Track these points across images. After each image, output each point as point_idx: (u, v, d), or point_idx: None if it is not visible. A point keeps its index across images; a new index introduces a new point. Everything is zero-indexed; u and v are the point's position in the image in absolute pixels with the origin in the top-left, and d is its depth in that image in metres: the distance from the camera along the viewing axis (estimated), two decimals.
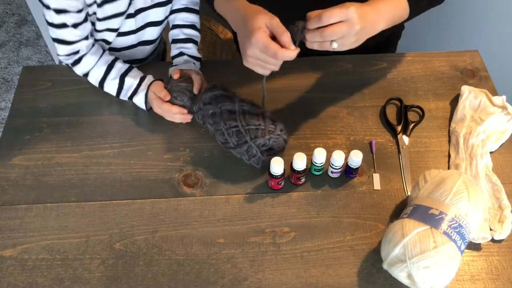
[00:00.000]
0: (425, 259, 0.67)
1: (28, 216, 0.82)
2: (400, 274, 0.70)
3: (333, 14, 0.69)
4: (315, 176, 0.87)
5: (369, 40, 0.77)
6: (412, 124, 0.93)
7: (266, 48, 0.71)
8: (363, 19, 0.72)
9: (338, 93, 0.99)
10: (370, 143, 0.91)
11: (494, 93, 0.97)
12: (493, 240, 0.78)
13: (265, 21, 0.72)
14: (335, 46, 0.73)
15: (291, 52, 0.71)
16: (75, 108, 0.96)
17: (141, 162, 0.89)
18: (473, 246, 0.78)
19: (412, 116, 0.95)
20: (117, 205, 0.83)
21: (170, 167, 0.88)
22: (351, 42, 0.74)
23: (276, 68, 0.75)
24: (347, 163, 0.84)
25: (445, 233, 0.68)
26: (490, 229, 0.78)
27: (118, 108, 0.97)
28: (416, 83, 1.01)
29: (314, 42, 0.73)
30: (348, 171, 0.85)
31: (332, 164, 0.83)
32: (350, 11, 0.70)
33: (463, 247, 0.70)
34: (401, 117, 0.94)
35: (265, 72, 0.77)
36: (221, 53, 1.38)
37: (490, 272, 0.76)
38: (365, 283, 0.75)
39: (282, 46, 0.71)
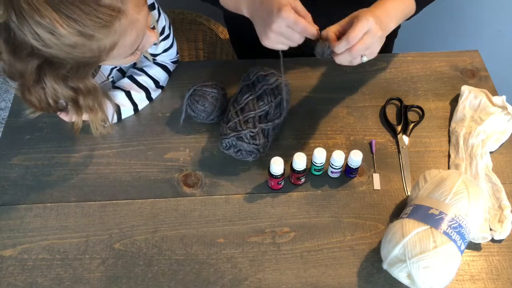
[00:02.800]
0: (425, 259, 0.67)
1: (28, 216, 0.82)
2: (400, 274, 0.70)
3: (357, 32, 0.71)
4: (315, 176, 0.87)
5: None
6: (412, 124, 0.93)
7: (296, 23, 0.72)
8: (380, 24, 0.74)
9: (338, 93, 0.99)
10: (370, 143, 0.91)
11: (494, 93, 0.97)
12: (493, 240, 0.78)
13: (290, 1, 0.73)
14: (365, 60, 0.75)
15: (316, 30, 0.73)
16: None
17: (141, 162, 0.89)
18: (473, 246, 0.78)
19: (412, 116, 0.95)
20: (117, 205, 0.84)
21: (170, 167, 0.88)
22: (378, 49, 0.76)
23: (300, 41, 0.75)
24: (347, 163, 0.84)
25: (445, 233, 0.68)
26: (490, 229, 0.78)
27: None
28: (416, 83, 1.01)
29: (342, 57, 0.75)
30: (348, 171, 0.85)
31: (332, 164, 0.83)
32: (369, 21, 0.72)
33: (463, 247, 0.70)
34: (401, 117, 0.94)
35: (285, 48, 0.77)
36: (221, 53, 1.38)
37: (490, 272, 0.76)
38: (365, 283, 0.75)
39: None
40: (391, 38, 1.20)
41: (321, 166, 0.84)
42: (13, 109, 0.97)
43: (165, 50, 0.95)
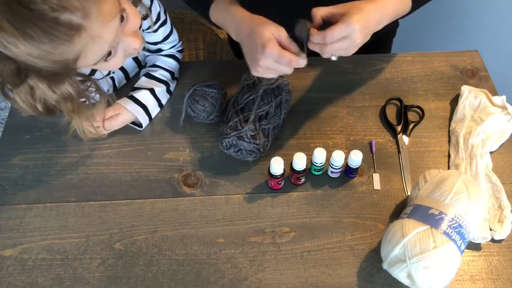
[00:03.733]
0: (425, 259, 0.67)
1: (28, 216, 0.82)
2: (400, 274, 0.70)
3: (336, 34, 0.71)
4: (315, 176, 0.87)
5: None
6: (412, 124, 0.93)
7: (281, 58, 0.72)
8: (365, 29, 0.73)
9: (338, 93, 0.99)
10: (370, 143, 0.91)
11: (494, 93, 0.97)
12: (493, 240, 0.78)
13: (273, 32, 0.73)
14: (334, 59, 0.75)
15: (303, 60, 0.74)
16: None
17: (141, 162, 0.89)
18: (473, 246, 0.78)
19: (412, 116, 0.95)
20: (117, 205, 0.84)
21: (170, 167, 0.88)
22: (352, 53, 0.76)
23: (289, 72, 0.76)
24: (347, 163, 0.84)
25: (445, 233, 0.68)
26: (490, 229, 0.78)
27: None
28: (416, 83, 1.01)
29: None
30: (348, 171, 0.85)
31: (332, 164, 0.83)
32: (352, 28, 0.71)
33: (463, 247, 0.70)
34: (401, 117, 0.94)
35: (275, 76, 0.79)
36: (221, 53, 1.39)
37: (490, 272, 0.76)
38: (365, 283, 0.75)
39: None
40: (389, 38, 1.20)
41: (321, 166, 0.84)
42: (13, 109, 0.97)
43: (166, 38, 0.95)
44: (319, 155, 0.81)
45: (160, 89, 0.95)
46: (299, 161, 0.79)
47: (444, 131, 0.93)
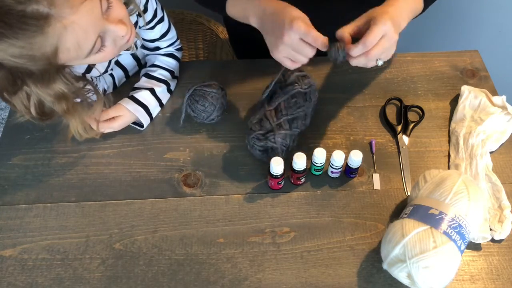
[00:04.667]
0: (425, 259, 0.67)
1: (28, 216, 0.82)
2: (400, 274, 0.70)
3: (375, 36, 0.71)
4: (315, 176, 0.87)
5: None
6: (412, 124, 0.93)
7: (307, 33, 0.71)
8: (395, 26, 0.73)
9: (338, 93, 0.99)
10: (370, 143, 0.91)
11: (494, 93, 0.97)
12: (493, 240, 0.78)
13: (300, 14, 0.73)
14: (380, 63, 0.75)
15: (326, 39, 0.73)
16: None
17: (141, 162, 0.89)
18: (473, 246, 0.78)
19: (412, 116, 0.95)
20: (117, 205, 0.84)
21: (170, 167, 0.88)
22: (392, 52, 0.76)
23: (311, 55, 0.75)
24: (347, 163, 0.84)
25: (445, 233, 0.68)
26: (490, 229, 0.78)
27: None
28: (416, 83, 1.01)
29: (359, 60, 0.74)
30: (348, 171, 0.85)
31: (332, 164, 0.83)
32: (387, 25, 0.71)
33: (463, 247, 0.70)
34: (401, 117, 0.94)
35: (294, 66, 0.77)
36: (221, 53, 1.38)
37: (490, 272, 0.76)
38: (365, 283, 0.75)
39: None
40: None
41: (321, 166, 0.84)
42: (13, 109, 0.97)
43: (164, 35, 0.95)
44: (319, 155, 0.81)
45: (160, 89, 0.95)
46: (299, 161, 0.79)
47: (444, 131, 0.93)
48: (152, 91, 0.93)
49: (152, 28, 0.91)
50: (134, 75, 1.01)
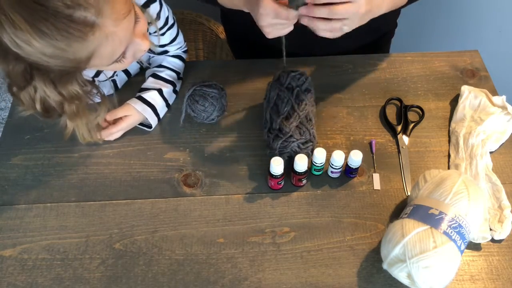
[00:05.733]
0: (425, 259, 0.67)
1: (28, 216, 0.82)
2: (400, 274, 0.70)
3: (345, 11, 0.69)
4: (315, 176, 0.87)
5: (366, 38, 0.78)
6: (412, 124, 0.93)
7: (277, 14, 0.71)
8: (368, 4, 0.72)
9: (338, 93, 0.99)
10: (370, 143, 0.91)
11: (494, 93, 0.97)
12: (493, 240, 0.78)
13: None
14: (345, 30, 0.72)
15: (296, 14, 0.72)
16: None
17: (141, 162, 0.89)
18: (473, 246, 0.78)
19: (412, 116, 0.95)
20: (117, 205, 0.84)
21: (170, 167, 0.88)
22: (355, 24, 0.73)
23: (294, 19, 0.73)
24: (347, 163, 0.84)
25: (445, 233, 0.68)
26: (490, 229, 0.78)
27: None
28: (416, 83, 1.01)
29: (320, 22, 0.72)
30: (348, 171, 0.85)
31: (332, 164, 0.83)
32: (360, 10, 0.70)
33: (463, 247, 0.70)
34: (401, 117, 0.94)
35: (291, 28, 0.76)
36: (221, 53, 1.38)
37: (490, 272, 0.76)
38: (365, 283, 0.75)
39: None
40: (388, 38, 1.21)
41: (321, 166, 0.84)
42: (13, 109, 0.97)
43: (173, 40, 0.95)
44: (319, 155, 0.81)
45: (167, 89, 0.95)
46: (301, 163, 0.79)
47: (444, 131, 0.93)
48: (160, 91, 0.94)
49: (163, 34, 0.92)
50: (135, 76, 1.01)
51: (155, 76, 0.96)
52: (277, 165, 0.78)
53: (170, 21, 0.92)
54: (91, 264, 0.77)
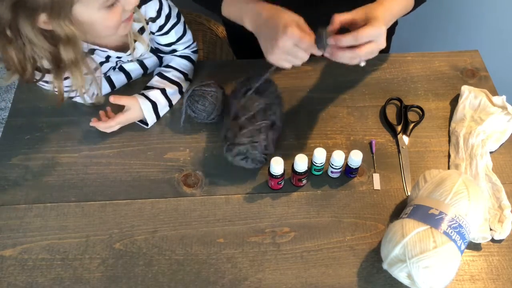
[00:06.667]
0: (425, 259, 0.67)
1: (28, 216, 0.82)
2: (400, 274, 0.70)
3: (368, 36, 0.70)
4: (315, 176, 0.87)
5: None
6: (412, 124, 0.93)
7: (301, 40, 0.71)
8: (386, 30, 0.74)
9: (338, 93, 0.99)
10: (370, 143, 0.91)
11: (494, 93, 0.97)
12: (493, 240, 0.78)
13: (294, 18, 0.73)
14: (363, 64, 0.75)
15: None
16: (75, 108, 0.96)
17: (141, 162, 0.89)
18: (473, 246, 0.78)
19: (412, 116, 0.95)
20: (117, 205, 0.83)
21: (170, 167, 0.88)
22: (382, 44, 0.75)
23: (305, 59, 0.75)
24: (347, 163, 0.84)
25: (445, 233, 0.68)
26: (490, 229, 0.78)
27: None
28: (416, 83, 1.01)
29: (346, 51, 0.73)
30: (348, 171, 0.85)
31: (332, 164, 0.83)
32: (381, 31, 0.71)
33: (463, 247, 0.70)
34: (401, 117, 0.94)
35: (289, 66, 0.77)
36: (221, 53, 1.38)
37: (490, 272, 0.76)
38: (365, 283, 0.75)
39: None
40: (389, 36, 1.20)
41: (321, 166, 0.84)
42: (13, 109, 0.97)
43: (180, 38, 0.95)
44: (319, 155, 0.81)
45: (172, 91, 0.95)
46: (301, 163, 0.79)
47: (444, 131, 0.93)
48: (164, 91, 0.93)
49: (167, 33, 0.92)
50: (135, 80, 1.01)
51: (161, 75, 0.96)
52: (277, 165, 0.78)
53: (174, 19, 0.91)
54: (91, 264, 0.77)
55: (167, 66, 0.98)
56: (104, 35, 0.82)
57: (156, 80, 0.95)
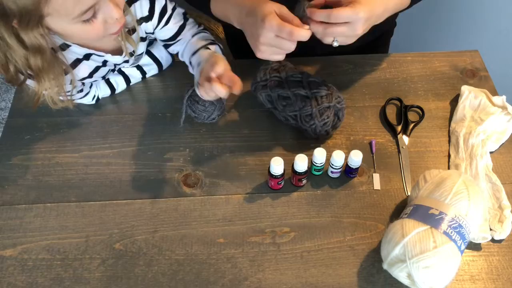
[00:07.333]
0: (425, 259, 0.67)
1: (28, 216, 0.82)
2: (400, 274, 0.70)
3: (341, 15, 0.70)
4: (315, 176, 0.87)
5: (364, 38, 0.78)
6: (412, 124, 0.93)
7: (281, 29, 0.70)
8: (368, 21, 0.73)
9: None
10: (370, 143, 0.91)
11: (494, 93, 0.97)
12: (493, 240, 0.78)
13: (274, 8, 0.72)
14: (335, 45, 0.74)
15: (305, 32, 0.71)
16: (75, 108, 0.96)
17: (141, 162, 0.89)
18: (473, 246, 0.78)
19: (412, 116, 0.95)
20: (117, 205, 0.84)
21: (170, 167, 0.88)
22: (349, 42, 0.75)
23: (292, 48, 0.74)
24: (347, 163, 0.84)
25: (445, 233, 0.68)
26: (490, 229, 0.78)
27: (118, 108, 0.97)
28: (416, 83, 1.01)
29: (320, 26, 0.72)
30: (348, 171, 0.85)
31: (332, 164, 0.83)
32: (358, 16, 0.70)
33: (463, 247, 0.70)
34: (401, 117, 0.94)
35: (281, 57, 0.76)
36: (221, 53, 1.38)
37: (490, 272, 0.76)
38: (365, 283, 0.75)
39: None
40: (387, 37, 1.21)
41: (321, 166, 0.84)
42: (13, 109, 0.97)
43: (182, 27, 0.93)
44: (319, 155, 0.81)
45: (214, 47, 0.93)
46: (301, 163, 0.79)
47: (444, 131, 0.93)
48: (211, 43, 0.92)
49: (166, 23, 0.90)
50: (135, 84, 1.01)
51: (196, 39, 0.93)
52: (277, 165, 0.78)
53: (169, 11, 0.89)
54: (91, 264, 0.77)
55: (189, 44, 0.94)
56: (89, 42, 0.81)
57: (195, 42, 0.92)
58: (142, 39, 0.91)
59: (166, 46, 0.98)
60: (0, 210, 0.83)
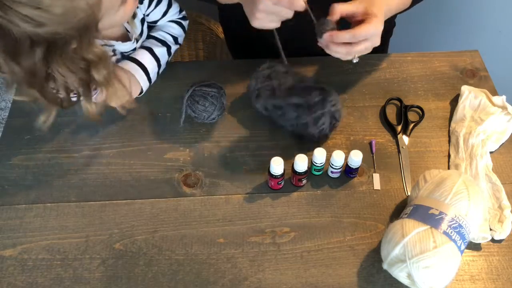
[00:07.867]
0: (425, 259, 0.67)
1: (28, 216, 0.82)
2: (400, 274, 0.70)
3: (366, 34, 0.71)
4: (315, 176, 0.87)
5: None
6: (412, 124, 0.93)
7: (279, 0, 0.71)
8: (383, 31, 0.74)
9: (338, 93, 0.98)
10: (370, 143, 0.91)
11: (494, 93, 0.97)
12: (493, 240, 0.78)
13: None
14: (355, 61, 0.76)
15: (303, 2, 0.72)
16: (75, 108, 0.96)
17: (141, 162, 0.89)
18: (473, 246, 0.78)
19: (412, 116, 0.95)
20: (117, 205, 0.84)
21: (170, 167, 0.88)
22: (377, 42, 0.75)
23: (290, 15, 0.74)
24: (347, 163, 0.84)
25: (445, 233, 0.68)
26: (490, 229, 0.78)
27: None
28: (416, 83, 1.01)
29: (342, 47, 0.74)
30: (348, 171, 0.85)
31: (332, 164, 0.83)
32: (378, 30, 0.72)
33: (463, 247, 0.70)
34: (401, 117, 0.94)
35: (276, 25, 0.76)
36: (221, 53, 1.38)
37: (490, 272, 0.76)
38: (365, 283, 0.75)
39: None
40: (386, 37, 1.21)
41: (321, 166, 0.84)
42: (13, 109, 0.97)
43: (164, 14, 0.96)
44: (319, 155, 0.81)
45: (160, 49, 0.95)
46: (301, 163, 0.79)
47: (444, 131, 0.93)
48: (151, 50, 0.93)
49: (153, 10, 0.93)
50: None
51: (148, 36, 0.96)
52: (277, 165, 0.78)
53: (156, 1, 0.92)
54: (91, 264, 0.77)
55: (156, 28, 0.97)
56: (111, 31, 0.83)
57: (143, 40, 0.95)
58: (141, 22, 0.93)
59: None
60: (0, 210, 0.83)
